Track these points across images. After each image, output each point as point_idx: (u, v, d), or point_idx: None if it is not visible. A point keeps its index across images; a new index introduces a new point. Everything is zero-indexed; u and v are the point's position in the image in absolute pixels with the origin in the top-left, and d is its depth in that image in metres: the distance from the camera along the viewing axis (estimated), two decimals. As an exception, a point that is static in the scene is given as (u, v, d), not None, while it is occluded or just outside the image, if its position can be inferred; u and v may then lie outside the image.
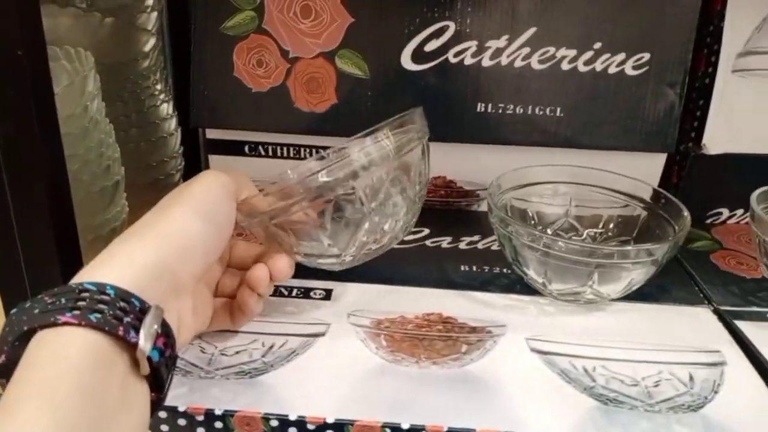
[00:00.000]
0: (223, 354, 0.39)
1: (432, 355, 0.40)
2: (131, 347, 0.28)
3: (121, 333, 0.27)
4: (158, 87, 0.64)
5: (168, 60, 0.69)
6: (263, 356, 0.39)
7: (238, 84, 0.56)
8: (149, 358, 0.28)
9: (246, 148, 0.58)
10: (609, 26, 0.54)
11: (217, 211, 0.36)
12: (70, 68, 0.52)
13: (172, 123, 0.66)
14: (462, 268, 0.51)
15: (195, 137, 0.61)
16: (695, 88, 0.56)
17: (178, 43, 0.69)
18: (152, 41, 0.63)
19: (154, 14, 0.62)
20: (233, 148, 0.59)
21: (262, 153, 0.58)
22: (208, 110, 0.57)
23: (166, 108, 0.65)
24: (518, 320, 0.44)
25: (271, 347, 0.40)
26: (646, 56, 0.54)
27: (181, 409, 0.35)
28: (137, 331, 0.28)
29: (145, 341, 0.28)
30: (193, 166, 0.67)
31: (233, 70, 0.56)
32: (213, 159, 0.59)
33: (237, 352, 0.39)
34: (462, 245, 0.54)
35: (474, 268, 0.51)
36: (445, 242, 0.54)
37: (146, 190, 0.63)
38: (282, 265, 0.40)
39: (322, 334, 0.42)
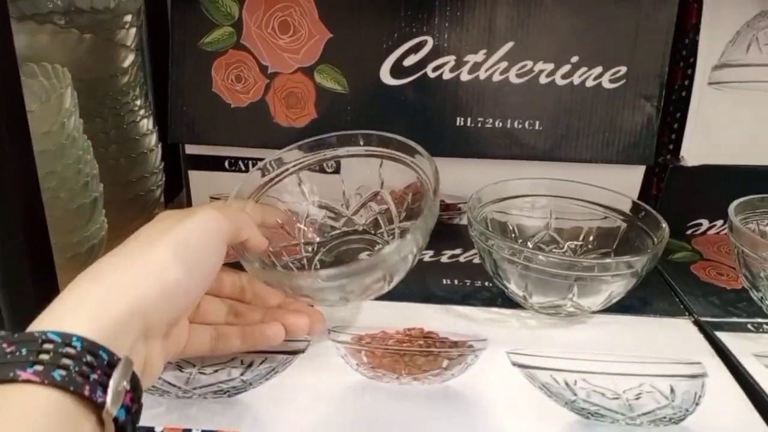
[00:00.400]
0: (201, 373, 0.38)
1: (413, 370, 0.40)
2: (97, 406, 0.26)
3: (87, 393, 0.25)
4: (138, 102, 0.64)
5: (148, 76, 0.69)
6: (242, 374, 0.39)
7: (217, 99, 0.56)
8: (116, 418, 0.26)
9: (226, 164, 0.58)
10: (586, 40, 0.54)
11: (205, 258, 0.34)
12: (47, 85, 0.52)
13: (152, 138, 0.66)
14: (444, 281, 0.50)
15: (176, 152, 0.61)
16: (672, 101, 0.57)
17: (158, 59, 0.69)
18: (131, 57, 0.63)
19: (133, 30, 0.62)
20: (213, 164, 0.58)
21: (243, 168, 0.58)
22: (187, 126, 0.57)
23: (146, 123, 0.65)
24: (499, 334, 0.44)
25: (251, 365, 0.39)
26: (623, 69, 0.54)
27: (158, 429, 0.35)
28: (104, 389, 0.26)
29: (112, 402, 0.26)
30: (175, 181, 0.67)
31: (212, 85, 0.56)
32: (193, 174, 0.59)
33: (215, 371, 0.39)
34: (444, 259, 0.54)
35: (456, 282, 0.50)
36: (427, 256, 0.54)
37: (126, 206, 0.63)
38: (320, 328, 0.40)
39: (302, 351, 0.41)
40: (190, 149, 0.58)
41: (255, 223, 0.41)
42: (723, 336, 0.44)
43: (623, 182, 0.56)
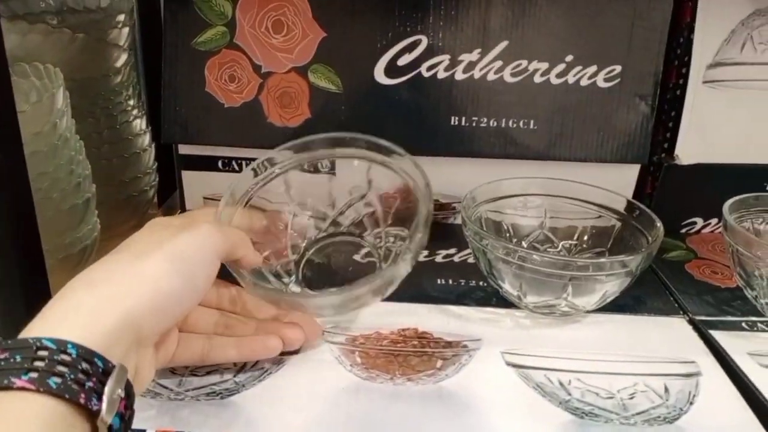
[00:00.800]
0: (193, 374, 0.38)
1: (407, 371, 0.40)
2: (92, 414, 0.26)
3: (82, 401, 0.25)
4: (131, 102, 0.64)
5: (141, 75, 0.69)
6: (235, 376, 0.38)
7: (211, 99, 0.55)
8: (110, 426, 0.26)
9: (219, 164, 0.58)
10: (580, 39, 0.54)
11: (199, 273, 0.34)
12: (38, 85, 0.51)
13: (146, 138, 0.65)
14: (438, 281, 0.50)
15: (170, 152, 0.61)
16: (667, 100, 0.57)
17: (151, 58, 0.68)
18: (124, 57, 0.62)
19: (126, 30, 0.62)
20: (206, 164, 0.58)
21: (236, 168, 0.58)
22: (180, 126, 0.56)
23: (139, 123, 0.65)
24: (494, 334, 0.44)
25: (243, 367, 0.39)
26: (618, 68, 0.54)
27: (150, 432, 0.35)
28: (99, 398, 0.26)
29: (107, 410, 0.26)
30: (168, 181, 0.66)
31: (205, 85, 0.55)
32: (186, 175, 0.59)
33: (208, 373, 0.38)
34: (438, 258, 0.54)
35: (450, 282, 0.50)
36: (422, 256, 0.54)
37: (120, 207, 0.62)
38: (315, 338, 0.41)
39: (296, 352, 0.41)
40: (184, 149, 0.58)
41: (246, 235, 0.41)
42: (717, 335, 0.44)
43: (618, 181, 0.56)
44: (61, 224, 0.52)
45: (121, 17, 0.61)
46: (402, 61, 0.55)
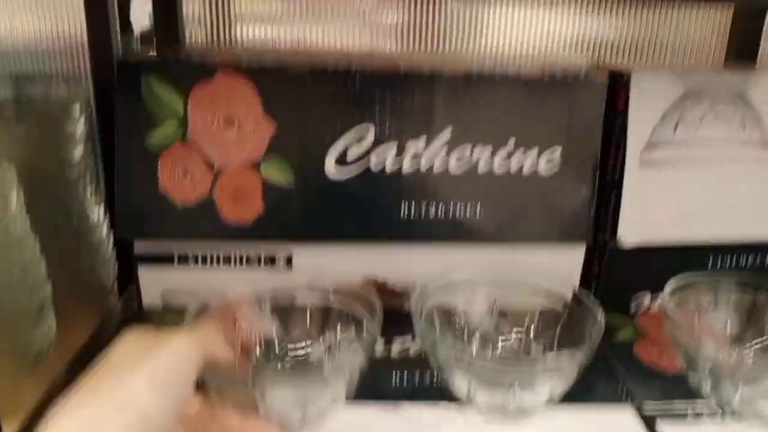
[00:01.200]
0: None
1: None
2: None
3: None
4: (88, 191, 0.64)
5: (99, 161, 0.69)
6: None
7: (164, 196, 0.56)
8: None
9: (175, 260, 0.58)
10: (521, 123, 0.56)
11: (181, 390, 0.35)
12: (-7, 185, 0.52)
13: (104, 229, 0.65)
14: (393, 377, 0.51)
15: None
16: (607, 181, 0.58)
17: (109, 147, 0.68)
18: (80, 148, 0.63)
19: (82, 120, 0.62)
20: (162, 260, 0.58)
21: (192, 264, 0.58)
22: (135, 223, 0.57)
23: (98, 212, 0.65)
24: (445, 435, 0.44)
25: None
26: (558, 151, 0.56)
27: None
28: None
29: None
30: (128, 271, 0.66)
31: (158, 182, 0.56)
32: (142, 271, 0.59)
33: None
34: (394, 348, 0.55)
35: (405, 377, 0.51)
36: (378, 345, 0.55)
37: (78, 302, 0.62)
38: None
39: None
40: (139, 246, 0.58)
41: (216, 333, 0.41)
42: (663, 425, 0.45)
43: (565, 262, 0.58)
44: (14, 328, 0.52)
45: (77, 106, 0.61)
46: (351, 154, 0.56)
